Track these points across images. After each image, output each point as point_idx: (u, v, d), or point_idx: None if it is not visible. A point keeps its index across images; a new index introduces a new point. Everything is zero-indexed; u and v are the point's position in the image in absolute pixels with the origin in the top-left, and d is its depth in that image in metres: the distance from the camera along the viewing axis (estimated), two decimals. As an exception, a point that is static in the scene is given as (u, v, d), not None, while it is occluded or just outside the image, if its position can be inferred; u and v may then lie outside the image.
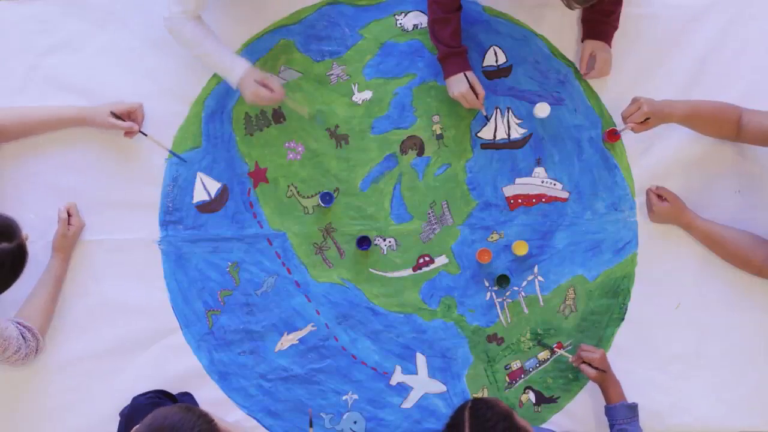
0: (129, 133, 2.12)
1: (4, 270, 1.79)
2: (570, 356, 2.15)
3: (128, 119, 2.11)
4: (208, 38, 2.03)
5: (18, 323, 2.01)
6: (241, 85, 2.05)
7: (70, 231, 2.09)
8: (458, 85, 2.11)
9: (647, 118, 2.02)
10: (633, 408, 2.05)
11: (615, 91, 2.22)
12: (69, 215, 2.10)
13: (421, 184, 2.21)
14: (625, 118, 2.06)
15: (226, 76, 2.06)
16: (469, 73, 2.11)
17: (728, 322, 2.19)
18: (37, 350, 2.03)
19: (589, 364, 2.07)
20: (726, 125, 2.07)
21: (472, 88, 2.10)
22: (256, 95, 2.03)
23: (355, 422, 2.18)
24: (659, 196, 2.16)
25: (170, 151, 2.16)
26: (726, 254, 2.15)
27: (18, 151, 2.15)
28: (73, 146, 2.16)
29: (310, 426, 2.06)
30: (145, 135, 2.14)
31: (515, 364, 2.20)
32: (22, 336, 1.99)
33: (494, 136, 2.22)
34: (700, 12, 2.22)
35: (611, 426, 2.06)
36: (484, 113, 2.18)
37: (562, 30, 2.22)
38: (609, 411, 2.07)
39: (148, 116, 2.17)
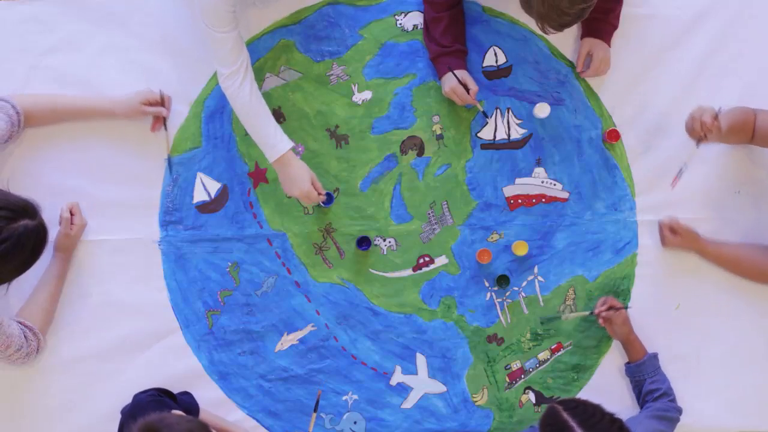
0: (156, 123, 2.13)
1: (26, 249, 1.78)
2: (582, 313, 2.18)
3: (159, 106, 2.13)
4: (258, 106, 2.02)
5: (19, 323, 2.01)
6: (287, 168, 2.03)
7: (72, 231, 2.09)
8: (448, 80, 2.12)
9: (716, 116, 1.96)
10: (657, 357, 2.11)
11: (615, 92, 2.22)
12: (71, 215, 2.10)
13: (421, 184, 2.21)
14: (697, 127, 1.96)
15: (266, 150, 2.04)
16: (459, 71, 2.11)
17: (728, 322, 2.19)
18: (38, 350, 2.03)
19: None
20: (744, 132, 2.06)
21: (463, 84, 2.10)
22: (307, 196, 2.04)
23: (355, 422, 2.18)
24: (672, 229, 2.14)
25: (168, 158, 2.17)
26: (742, 271, 2.15)
27: (18, 152, 2.14)
28: (73, 147, 2.15)
29: (315, 411, 2.06)
30: (166, 130, 2.15)
31: (515, 364, 2.20)
32: (24, 335, 1.99)
33: (494, 136, 2.22)
34: (700, 12, 2.21)
35: (641, 382, 2.09)
36: (481, 109, 2.18)
37: (562, 30, 2.22)
38: (638, 367, 2.10)
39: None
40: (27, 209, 1.80)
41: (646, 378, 2.09)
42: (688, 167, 2.11)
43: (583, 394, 2.19)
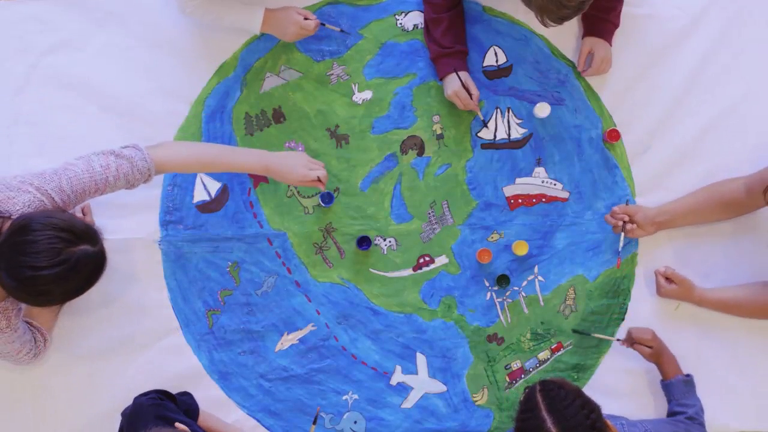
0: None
1: (82, 274, 1.72)
2: (615, 339, 2.17)
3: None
4: (218, 3, 2.03)
5: (26, 322, 2.00)
6: (278, 21, 2.05)
7: None
8: (451, 83, 2.12)
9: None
10: (689, 382, 2.08)
11: (615, 91, 2.22)
12: (83, 215, 2.10)
13: (422, 184, 2.21)
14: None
15: (248, 25, 2.06)
16: (462, 73, 2.11)
17: (728, 322, 2.18)
18: (44, 349, 2.04)
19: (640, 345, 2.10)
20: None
21: (466, 88, 2.10)
22: (304, 28, 2.06)
23: (355, 422, 2.18)
24: (667, 278, 2.13)
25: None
26: (746, 313, 2.13)
27: (18, 154, 2.14)
28: (74, 147, 2.15)
29: (314, 423, 2.06)
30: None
31: (515, 364, 2.20)
32: (32, 336, 2.00)
33: (494, 136, 2.22)
34: (700, 12, 2.21)
35: (669, 401, 2.08)
36: (481, 117, 2.18)
37: (562, 30, 2.20)
38: (666, 387, 2.09)
39: (149, 116, 2.17)
40: (89, 234, 1.75)
41: (672, 399, 2.08)
42: (623, 248, 2.15)
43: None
